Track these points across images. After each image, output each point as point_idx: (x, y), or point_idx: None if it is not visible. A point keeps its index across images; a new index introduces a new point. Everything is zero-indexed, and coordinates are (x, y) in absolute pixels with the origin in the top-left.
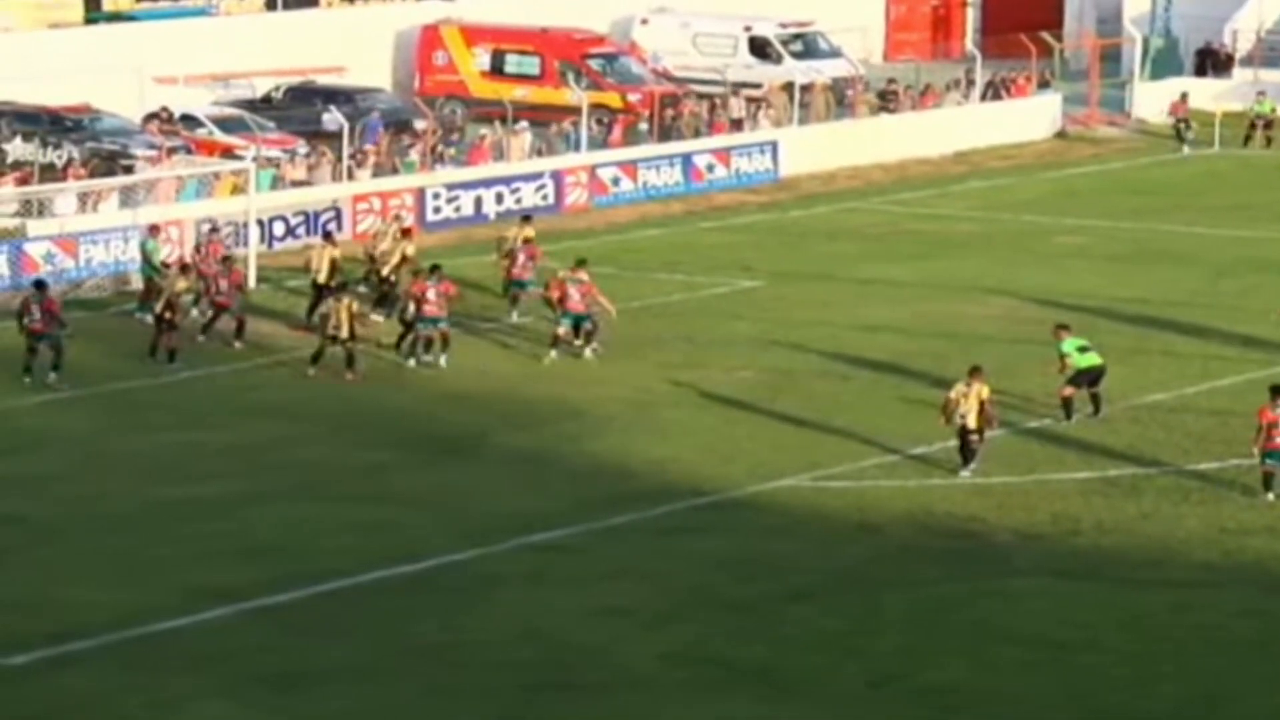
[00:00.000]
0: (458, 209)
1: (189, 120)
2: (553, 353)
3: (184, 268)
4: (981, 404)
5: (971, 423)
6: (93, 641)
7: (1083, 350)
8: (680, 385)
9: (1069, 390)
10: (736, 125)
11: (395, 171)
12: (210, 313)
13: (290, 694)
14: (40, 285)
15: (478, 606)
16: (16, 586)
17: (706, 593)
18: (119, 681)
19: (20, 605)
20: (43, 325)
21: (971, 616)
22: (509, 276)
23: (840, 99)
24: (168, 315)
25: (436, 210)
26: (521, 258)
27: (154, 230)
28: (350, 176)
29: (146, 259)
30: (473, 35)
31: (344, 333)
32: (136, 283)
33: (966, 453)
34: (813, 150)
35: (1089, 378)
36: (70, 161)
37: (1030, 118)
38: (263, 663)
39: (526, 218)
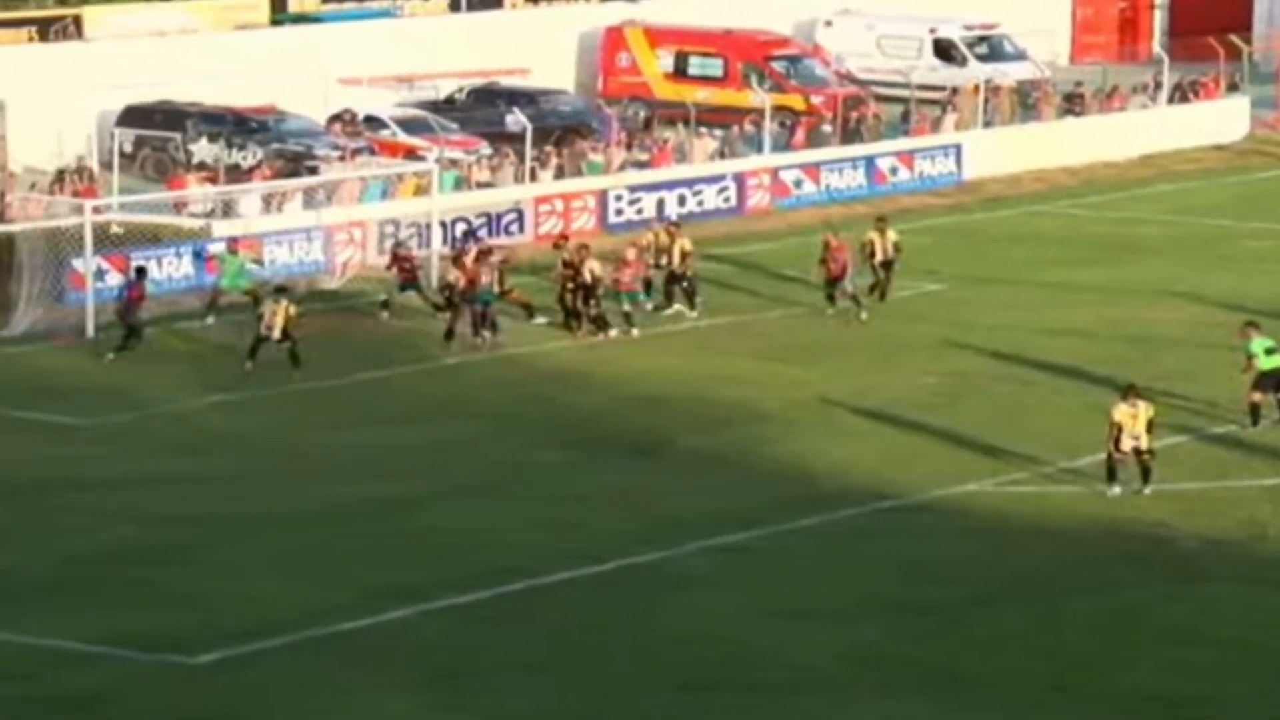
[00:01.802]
0: (640, 210)
1: (373, 122)
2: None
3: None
4: (1150, 422)
5: (1145, 444)
6: (278, 640)
7: (1270, 352)
8: (864, 388)
9: (1256, 395)
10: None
11: (578, 173)
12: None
13: (472, 691)
14: (138, 271)
15: (661, 606)
16: (202, 585)
17: (889, 595)
18: (304, 678)
19: (206, 603)
20: (124, 309)
21: (1158, 620)
22: (828, 276)
23: (1025, 101)
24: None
25: (618, 212)
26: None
27: (233, 246)
28: (533, 178)
29: (222, 271)
30: (656, 37)
31: (276, 334)
32: (321, 283)
33: (1144, 472)
34: (997, 153)
35: (1275, 381)
36: (256, 163)
37: (1218, 121)
38: (445, 660)
39: (882, 218)
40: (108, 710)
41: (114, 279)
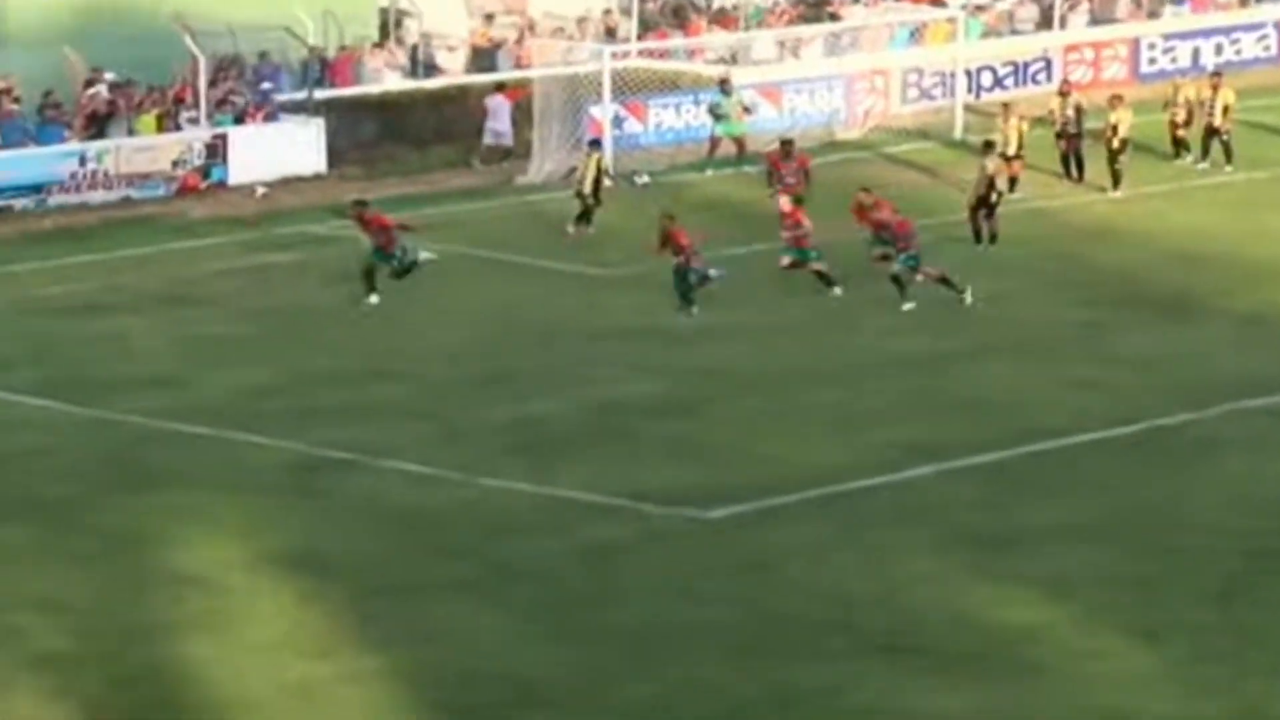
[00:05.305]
0: (1174, 59)
1: None
2: None
3: (988, 144)
4: None
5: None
6: (795, 495)
7: None
8: None
9: None
10: None
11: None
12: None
13: (998, 553)
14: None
15: (1194, 471)
16: (721, 439)
17: None
18: (825, 536)
19: (723, 458)
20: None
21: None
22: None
23: None
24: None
25: (1151, 61)
26: None
27: (725, 84)
28: (1062, 25)
29: (717, 115)
30: None
31: (587, 187)
32: (842, 134)
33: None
34: None
35: None
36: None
37: None
38: (972, 521)
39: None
40: (624, 562)
41: (632, 126)
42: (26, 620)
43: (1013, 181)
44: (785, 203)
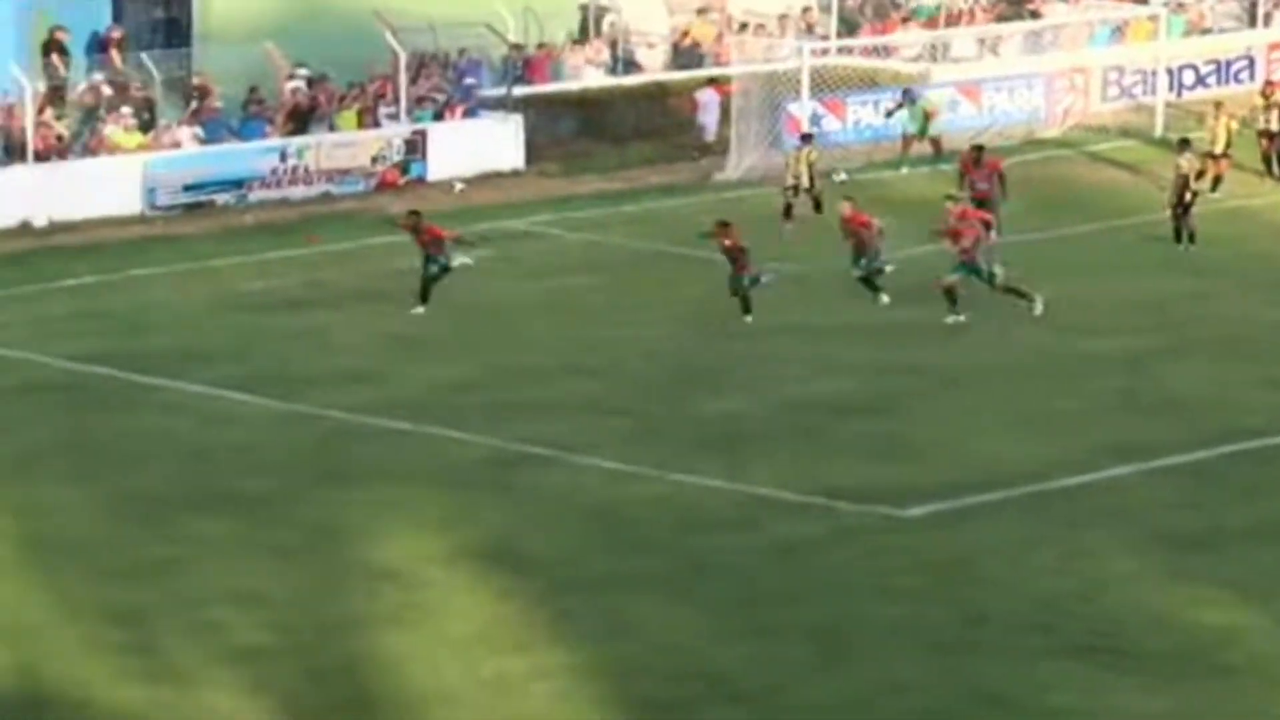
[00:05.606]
0: None
1: None
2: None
3: (1184, 142)
4: None
5: None
6: (995, 494)
7: None
8: None
9: None
10: None
11: None
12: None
13: (1201, 554)
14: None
15: None
16: (915, 437)
17: None
18: (1026, 534)
19: (918, 456)
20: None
21: None
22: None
23: None
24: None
25: None
26: None
27: (909, 92)
28: (1266, 24)
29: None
30: None
31: (804, 181)
32: (1042, 132)
33: None
34: None
35: None
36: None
37: None
38: (1170, 522)
39: None
40: (818, 559)
41: (830, 123)
42: (226, 614)
43: (1217, 180)
44: (846, 207)
